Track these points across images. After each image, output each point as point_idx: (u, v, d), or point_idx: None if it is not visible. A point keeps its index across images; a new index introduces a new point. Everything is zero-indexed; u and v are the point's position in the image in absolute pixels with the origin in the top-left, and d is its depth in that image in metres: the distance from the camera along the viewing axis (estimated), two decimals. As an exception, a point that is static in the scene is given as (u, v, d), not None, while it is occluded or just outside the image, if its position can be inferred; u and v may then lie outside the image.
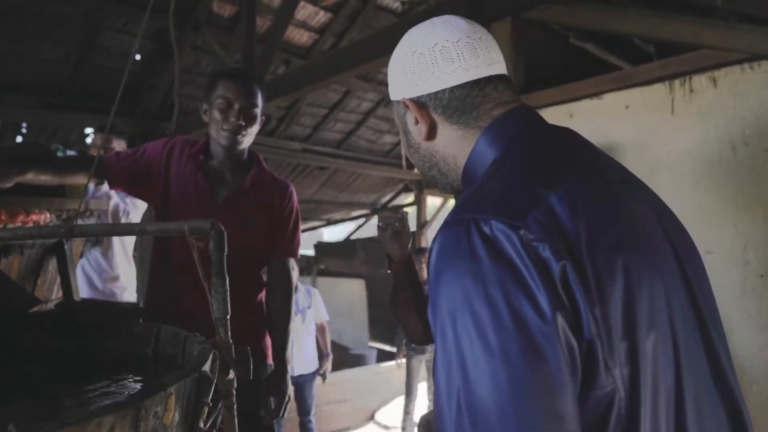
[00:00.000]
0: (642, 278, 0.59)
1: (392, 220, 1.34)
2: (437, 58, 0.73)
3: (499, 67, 0.75)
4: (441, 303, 0.57)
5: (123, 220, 2.49)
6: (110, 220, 2.40)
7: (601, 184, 0.65)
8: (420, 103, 0.75)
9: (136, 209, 2.59)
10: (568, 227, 0.57)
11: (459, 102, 0.73)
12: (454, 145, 0.75)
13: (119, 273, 2.57)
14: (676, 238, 0.68)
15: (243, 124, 1.58)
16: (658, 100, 1.64)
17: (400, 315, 1.36)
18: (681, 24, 1.54)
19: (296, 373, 3.74)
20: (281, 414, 1.62)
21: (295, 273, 1.76)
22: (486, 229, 0.57)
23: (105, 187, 1.88)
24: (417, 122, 0.77)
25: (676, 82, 1.56)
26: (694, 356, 0.63)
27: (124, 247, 2.63)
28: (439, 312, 0.58)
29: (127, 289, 2.62)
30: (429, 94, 0.74)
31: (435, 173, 0.80)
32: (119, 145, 2.57)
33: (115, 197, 2.50)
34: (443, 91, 0.73)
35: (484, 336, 0.53)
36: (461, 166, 0.76)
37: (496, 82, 0.74)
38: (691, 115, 1.56)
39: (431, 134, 0.76)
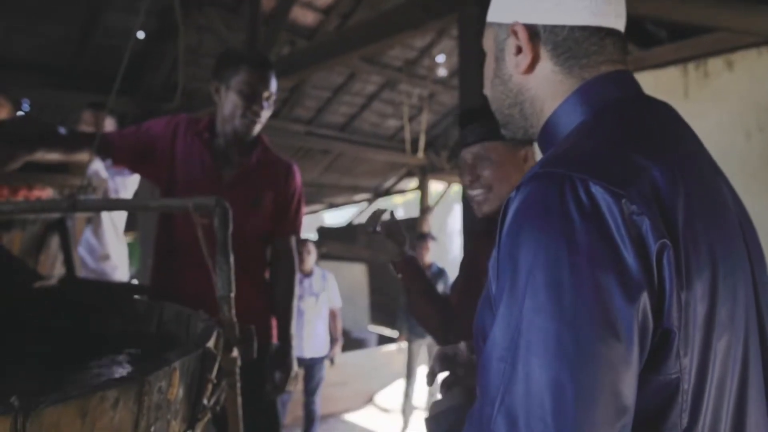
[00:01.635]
0: (726, 271, 0.57)
1: (377, 219, 1.31)
2: None
3: (622, 23, 0.68)
4: (517, 257, 0.53)
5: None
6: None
7: (698, 167, 0.62)
8: (533, 32, 0.67)
9: (125, 189, 2.56)
10: (668, 204, 0.54)
11: (575, 44, 0.66)
12: (549, 88, 0.68)
13: (110, 252, 2.55)
14: (751, 237, 0.66)
15: (263, 113, 1.60)
16: (671, 84, 1.61)
17: (417, 312, 1.35)
18: (699, 7, 1.51)
19: (307, 356, 3.78)
20: (286, 389, 1.64)
21: (312, 256, 1.77)
22: (581, 191, 0.52)
23: (96, 164, 1.85)
24: (519, 52, 0.68)
25: (690, 65, 1.53)
26: (757, 360, 0.61)
27: (114, 225, 2.59)
28: (510, 264, 0.54)
29: (119, 267, 2.59)
30: (546, 25, 0.66)
31: (515, 113, 0.72)
32: (110, 123, 2.53)
33: (104, 174, 2.47)
34: (563, 27, 0.65)
35: (559, 301, 0.50)
36: (546, 114, 0.69)
37: (615, 37, 0.67)
38: (705, 100, 1.53)
39: (530, 68, 0.68)
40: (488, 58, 0.74)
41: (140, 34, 4.25)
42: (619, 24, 0.68)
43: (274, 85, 1.63)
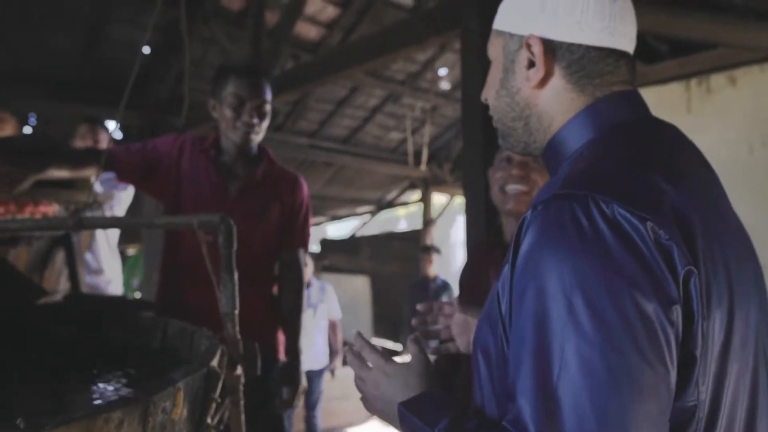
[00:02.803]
0: (741, 298, 0.57)
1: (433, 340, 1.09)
2: (590, 8, 0.64)
3: (633, 47, 0.68)
4: (544, 280, 0.51)
5: (107, 215, 2.46)
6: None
7: (709, 190, 0.62)
8: (549, 47, 0.65)
9: (120, 204, 2.56)
10: (688, 229, 0.53)
11: (590, 63, 0.64)
12: (560, 105, 0.66)
13: (104, 266, 2.54)
14: (752, 257, 0.66)
15: (256, 121, 1.58)
16: (674, 99, 1.62)
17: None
18: (697, 21, 1.52)
19: (306, 368, 3.76)
20: (294, 404, 1.63)
21: (309, 268, 1.77)
22: (608, 213, 0.51)
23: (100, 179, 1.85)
24: (531, 65, 0.66)
25: (693, 81, 1.54)
26: (765, 386, 0.61)
27: (108, 240, 2.59)
28: (534, 287, 0.52)
29: (113, 282, 2.58)
30: (563, 42, 0.65)
31: (519, 126, 0.70)
32: (104, 137, 2.54)
33: (99, 189, 2.48)
34: (580, 45, 0.64)
35: (603, 327, 0.48)
36: (554, 131, 0.67)
37: (627, 59, 0.67)
38: (708, 115, 1.54)
39: (542, 84, 0.67)
40: (494, 66, 0.72)
41: (145, 49, 4.29)
42: (631, 47, 0.68)
43: (265, 93, 1.60)
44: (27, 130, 4.63)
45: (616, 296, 0.49)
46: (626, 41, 0.66)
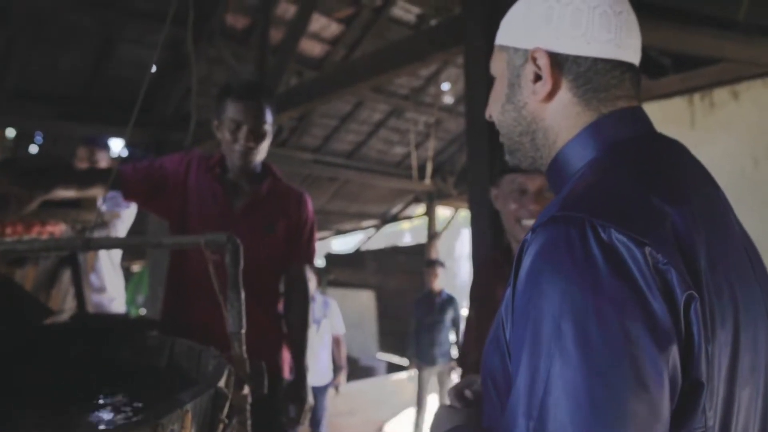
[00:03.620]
0: (747, 319, 0.56)
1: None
2: (595, 20, 0.63)
3: (638, 58, 0.68)
4: (539, 304, 0.52)
5: (112, 233, 2.46)
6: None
7: (713, 208, 0.61)
8: (555, 60, 0.65)
9: (123, 223, 2.57)
10: (690, 252, 0.52)
11: (596, 76, 0.64)
12: (566, 120, 0.66)
13: (106, 284, 2.54)
14: (761, 274, 0.64)
15: (252, 145, 1.59)
16: (678, 114, 1.62)
17: None
18: (701, 37, 1.52)
19: (310, 384, 3.74)
20: (301, 421, 1.62)
21: (312, 283, 1.77)
22: (604, 237, 0.51)
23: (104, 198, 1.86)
24: (537, 79, 0.66)
25: (696, 96, 1.54)
26: None
27: (111, 257, 2.60)
28: (531, 311, 0.52)
29: (116, 299, 2.58)
30: (569, 55, 0.64)
31: (526, 141, 0.70)
32: (103, 157, 2.56)
33: (103, 208, 2.49)
34: (586, 57, 0.64)
35: (588, 354, 0.48)
36: (559, 147, 0.67)
37: (633, 72, 0.66)
38: (712, 129, 1.54)
39: (549, 97, 0.66)
40: (498, 82, 0.72)
41: (152, 67, 4.34)
42: (637, 60, 0.67)
43: (262, 115, 1.60)
44: (33, 149, 4.67)
45: (604, 322, 0.48)
46: (632, 53, 0.66)
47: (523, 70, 0.67)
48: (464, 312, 5.87)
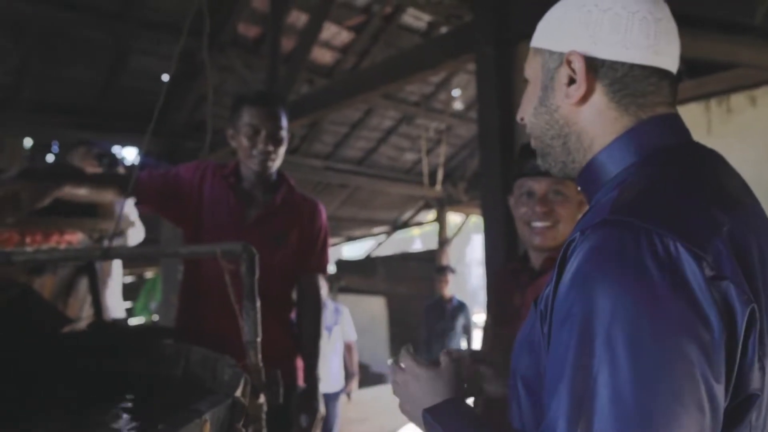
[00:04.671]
0: None
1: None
2: (634, 26, 0.62)
3: (676, 67, 0.67)
4: (588, 308, 0.50)
5: (126, 242, 2.45)
6: None
7: (759, 218, 0.60)
8: (590, 64, 0.64)
9: (134, 228, 2.55)
10: (747, 263, 0.52)
11: (633, 81, 0.63)
12: (602, 125, 0.65)
13: (105, 294, 2.53)
14: None
15: (271, 149, 1.60)
16: (694, 120, 1.61)
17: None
18: (715, 42, 1.51)
19: (321, 391, 3.73)
20: (313, 430, 1.62)
21: (324, 290, 1.77)
22: (660, 247, 0.50)
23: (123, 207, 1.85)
24: (571, 82, 0.65)
25: (713, 101, 1.53)
26: None
27: (111, 268, 2.58)
28: (577, 314, 0.51)
29: (115, 309, 2.56)
30: (605, 60, 0.64)
31: (557, 145, 0.69)
32: (92, 163, 2.53)
33: (131, 213, 2.48)
34: (623, 63, 0.63)
35: (637, 362, 0.47)
36: (594, 152, 0.66)
37: (671, 80, 0.66)
38: (729, 135, 1.52)
39: (582, 101, 0.65)
40: (532, 85, 0.72)
41: (164, 77, 4.39)
42: (675, 67, 0.67)
43: (279, 120, 1.62)
44: (50, 158, 4.74)
45: (656, 334, 0.48)
46: (670, 60, 0.65)
47: (557, 74, 0.67)
48: (475, 318, 5.84)
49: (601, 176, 0.65)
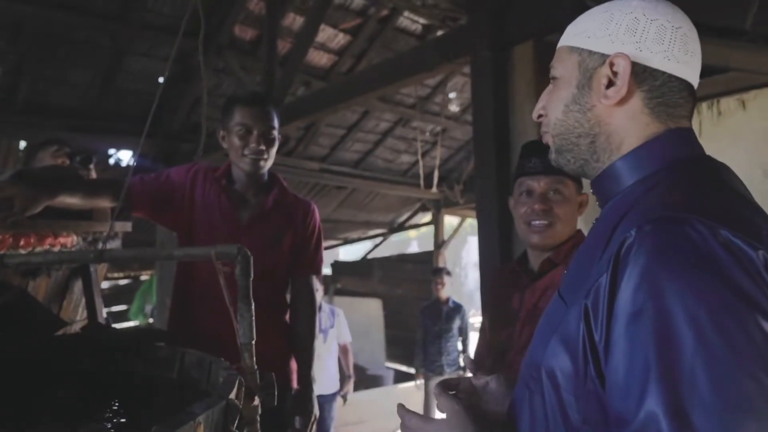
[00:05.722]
0: None
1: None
2: (677, 40, 0.66)
3: (697, 83, 0.71)
4: (662, 302, 0.52)
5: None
6: None
7: None
8: (634, 70, 0.67)
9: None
10: None
11: (669, 92, 0.67)
12: (634, 128, 0.68)
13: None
14: None
15: (263, 148, 1.60)
16: (686, 123, 1.62)
17: None
18: (708, 46, 1.53)
19: (317, 393, 3.73)
20: None
21: (319, 293, 1.77)
22: (725, 239, 0.53)
23: None
24: (611, 84, 0.68)
25: (704, 105, 1.55)
26: None
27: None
28: (653, 311, 0.52)
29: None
30: (648, 67, 0.67)
31: (583, 143, 0.71)
32: (63, 162, 2.49)
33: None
34: (663, 72, 0.67)
35: (730, 347, 0.49)
36: (621, 153, 0.69)
37: (695, 96, 0.71)
38: (720, 138, 1.54)
39: (620, 103, 0.68)
40: (562, 82, 0.73)
41: (160, 79, 4.39)
42: (696, 83, 0.70)
43: (271, 119, 1.62)
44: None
45: (740, 317, 0.50)
46: (695, 78, 0.69)
47: (597, 74, 0.69)
48: (472, 320, 5.85)
49: (624, 178, 0.68)
